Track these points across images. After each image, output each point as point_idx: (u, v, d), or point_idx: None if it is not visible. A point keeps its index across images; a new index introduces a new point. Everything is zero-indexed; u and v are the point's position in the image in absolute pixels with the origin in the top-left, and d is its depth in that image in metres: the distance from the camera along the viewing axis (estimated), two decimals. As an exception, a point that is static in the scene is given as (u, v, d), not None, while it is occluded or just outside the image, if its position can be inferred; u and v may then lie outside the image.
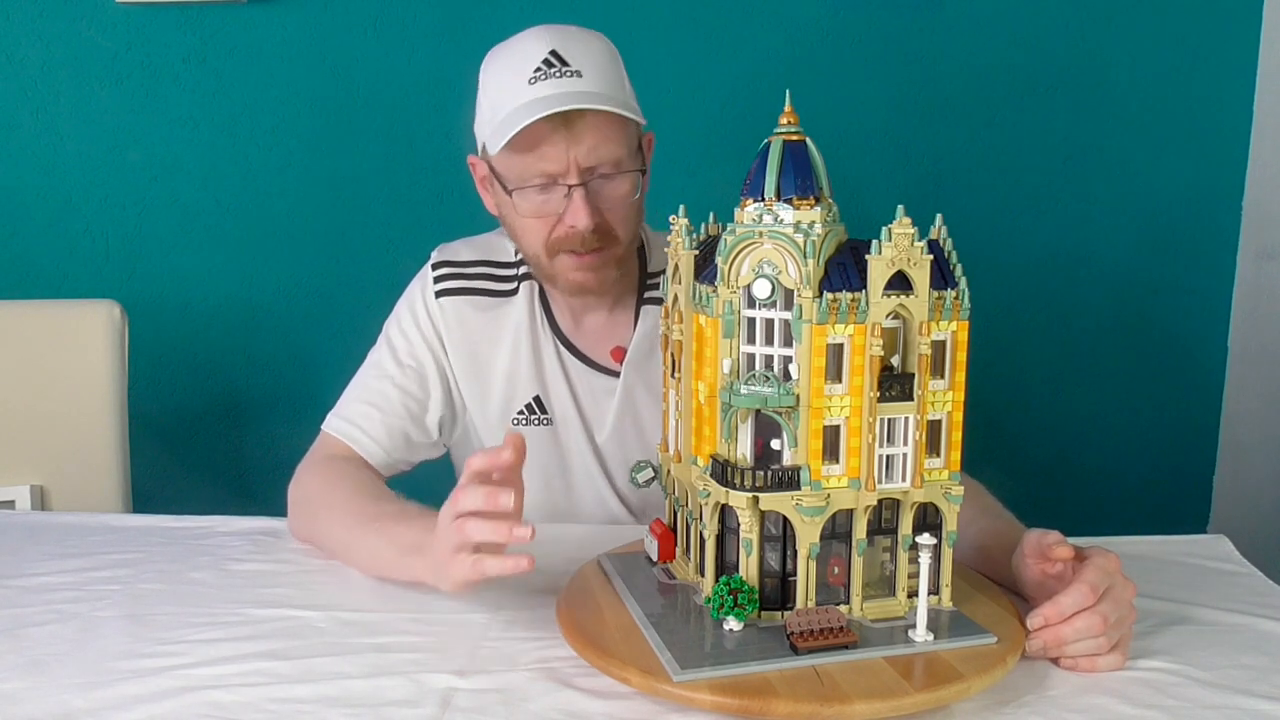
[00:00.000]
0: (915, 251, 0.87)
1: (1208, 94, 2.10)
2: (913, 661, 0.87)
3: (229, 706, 0.87)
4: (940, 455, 0.92)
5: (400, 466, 1.34)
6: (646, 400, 1.34)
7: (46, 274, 2.08)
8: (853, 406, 0.89)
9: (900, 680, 0.84)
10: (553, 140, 1.16)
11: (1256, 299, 2.16)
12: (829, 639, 0.87)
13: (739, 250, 0.90)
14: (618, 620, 0.95)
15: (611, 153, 1.19)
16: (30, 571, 1.16)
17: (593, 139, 1.17)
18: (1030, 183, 2.13)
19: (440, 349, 1.34)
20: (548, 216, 1.21)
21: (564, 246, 1.21)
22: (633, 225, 1.25)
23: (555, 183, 1.19)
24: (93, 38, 2.01)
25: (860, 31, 2.06)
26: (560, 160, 1.17)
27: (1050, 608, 0.91)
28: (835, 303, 0.87)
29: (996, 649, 0.89)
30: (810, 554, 0.90)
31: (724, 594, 0.90)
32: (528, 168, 1.18)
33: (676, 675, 0.84)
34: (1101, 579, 0.92)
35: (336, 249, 2.10)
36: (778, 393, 0.88)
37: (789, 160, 0.91)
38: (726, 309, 0.90)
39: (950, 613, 0.94)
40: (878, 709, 0.81)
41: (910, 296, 0.88)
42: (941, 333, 0.90)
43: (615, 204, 1.21)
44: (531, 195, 1.20)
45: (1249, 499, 2.20)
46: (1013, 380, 2.18)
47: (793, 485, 0.89)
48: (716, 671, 0.85)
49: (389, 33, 2.03)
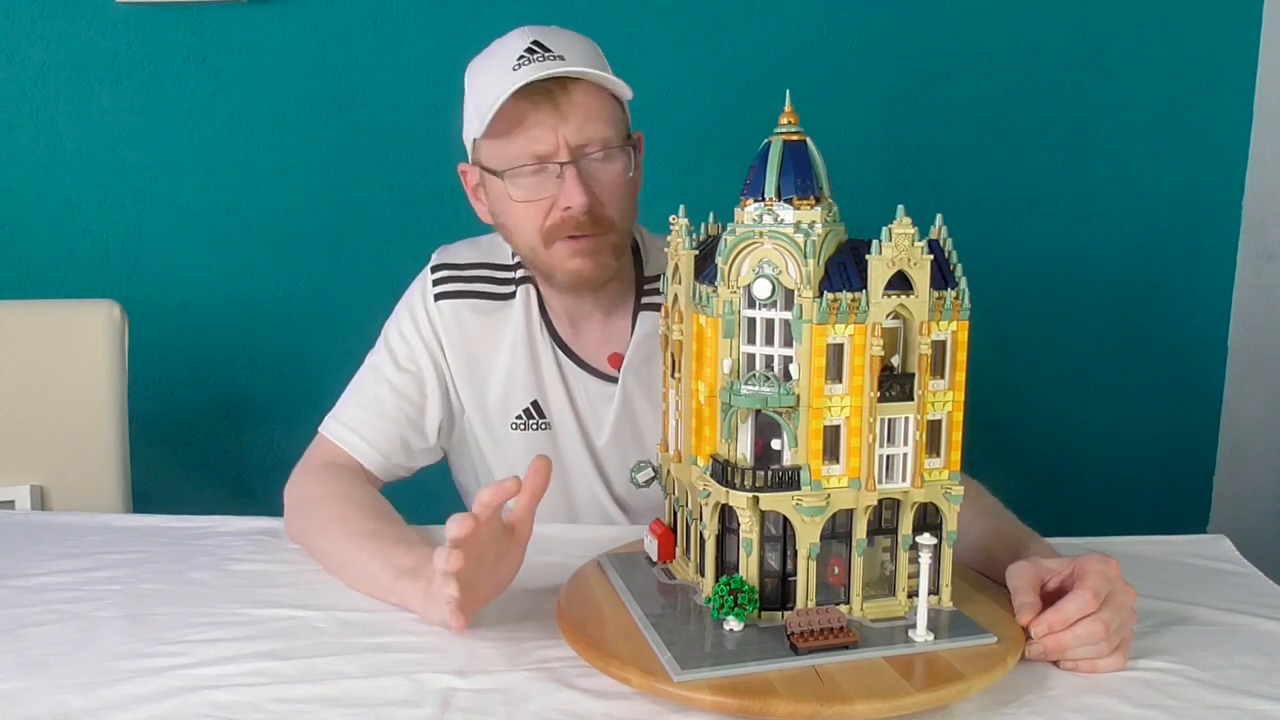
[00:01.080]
0: (915, 251, 0.87)
1: (1208, 94, 2.10)
2: (913, 661, 0.87)
3: (229, 706, 0.87)
4: (940, 455, 0.92)
5: (398, 473, 1.34)
6: (644, 406, 1.33)
7: (46, 274, 2.08)
8: (853, 406, 0.89)
9: (901, 680, 0.84)
10: (539, 119, 1.16)
11: (1256, 299, 2.16)
12: (829, 639, 0.87)
13: (739, 250, 0.90)
14: (618, 620, 0.95)
15: (600, 131, 1.18)
16: (30, 571, 1.15)
17: (580, 116, 1.17)
18: (1030, 183, 2.13)
19: (439, 352, 1.34)
20: (541, 200, 1.20)
21: (559, 233, 1.20)
22: (627, 210, 1.24)
23: (546, 165, 1.18)
24: (93, 38, 2.01)
25: (860, 31, 2.06)
26: (549, 139, 1.17)
27: (1054, 614, 0.91)
28: (835, 303, 0.87)
29: (996, 649, 0.89)
30: (810, 554, 0.90)
31: (724, 594, 0.90)
32: (517, 150, 1.18)
33: (677, 675, 0.84)
34: (1103, 585, 0.92)
35: (336, 249, 2.10)
36: (778, 393, 0.88)
37: (789, 160, 0.91)
38: (727, 309, 0.90)
39: (950, 613, 0.94)
40: (879, 709, 0.81)
41: (910, 296, 0.88)
42: (941, 333, 0.90)
43: (608, 185, 1.21)
44: (524, 179, 1.19)
45: (1249, 499, 2.20)
46: (1013, 380, 2.18)
47: (793, 485, 0.89)
48: (716, 672, 0.85)
49: (389, 33, 2.03)
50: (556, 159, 1.18)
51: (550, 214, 1.20)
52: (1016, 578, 0.97)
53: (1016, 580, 0.96)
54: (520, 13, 1.99)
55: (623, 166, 1.22)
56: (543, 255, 1.24)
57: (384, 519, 1.16)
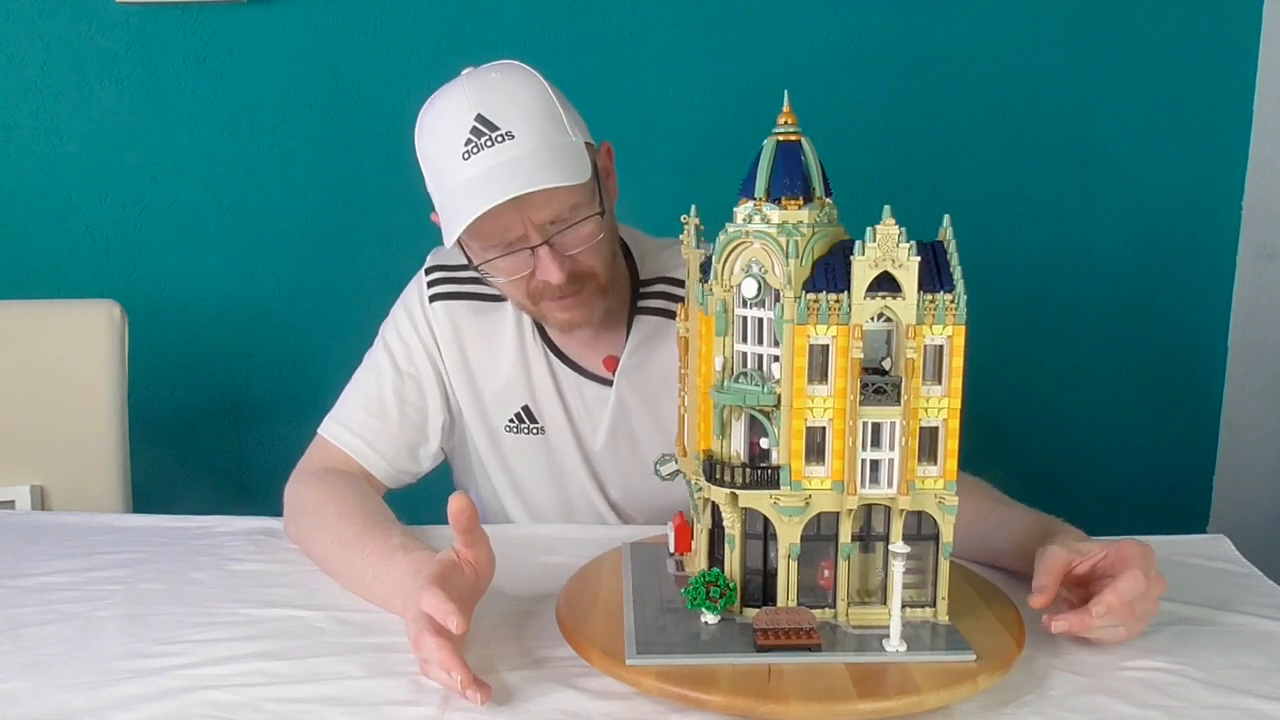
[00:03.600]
0: (901, 252, 0.85)
1: (1208, 94, 2.10)
2: (872, 670, 0.85)
3: (229, 706, 0.87)
4: (937, 463, 0.90)
5: (404, 478, 1.34)
6: (640, 409, 1.33)
7: (46, 274, 2.08)
8: (836, 408, 0.88)
9: (849, 687, 0.83)
10: (503, 216, 1.12)
11: (1256, 299, 2.16)
12: (791, 639, 0.87)
13: (730, 250, 0.91)
14: (611, 609, 0.97)
15: (565, 201, 1.15)
16: (30, 571, 1.15)
17: (541, 198, 1.13)
18: (1030, 183, 2.13)
19: (436, 353, 1.34)
20: (521, 278, 1.20)
21: (544, 296, 1.21)
22: (606, 259, 1.23)
23: (517, 246, 1.16)
24: (93, 38, 2.01)
25: (860, 32, 2.06)
26: (516, 227, 1.15)
27: (1113, 596, 0.91)
28: (815, 303, 0.86)
29: (970, 667, 0.86)
30: (790, 554, 0.90)
31: (699, 586, 0.91)
32: (487, 242, 1.17)
33: (629, 659, 0.86)
34: (1149, 567, 0.94)
35: (336, 249, 2.10)
36: (760, 392, 0.89)
37: (780, 160, 0.91)
38: (719, 307, 0.91)
39: (944, 627, 0.92)
40: (814, 712, 0.81)
41: (897, 298, 0.86)
42: (937, 337, 0.88)
43: (583, 247, 1.19)
44: (499, 264, 1.18)
45: (1249, 499, 2.20)
46: (1013, 380, 2.18)
47: (772, 484, 0.89)
48: (669, 659, 0.86)
49: (389, 33, 2.03)
50: (528, 243, 1.16)
51: (532, 283, 1.20)
52: (1044, 560, 0.97)
53: (1043, 563, 0.97)
54: (520, 13, 2.00)
55: (593, 229, 1.19)
56: (533, 309, 1.25)
57: (379, 524, 1.15)
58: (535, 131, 1.14)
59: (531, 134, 1.14)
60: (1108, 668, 0.93)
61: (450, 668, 0.87)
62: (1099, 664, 0.94)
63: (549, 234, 1.15)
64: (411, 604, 0.93)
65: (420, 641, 0.90)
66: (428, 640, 0.89)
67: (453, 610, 0.89)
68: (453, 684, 0.87)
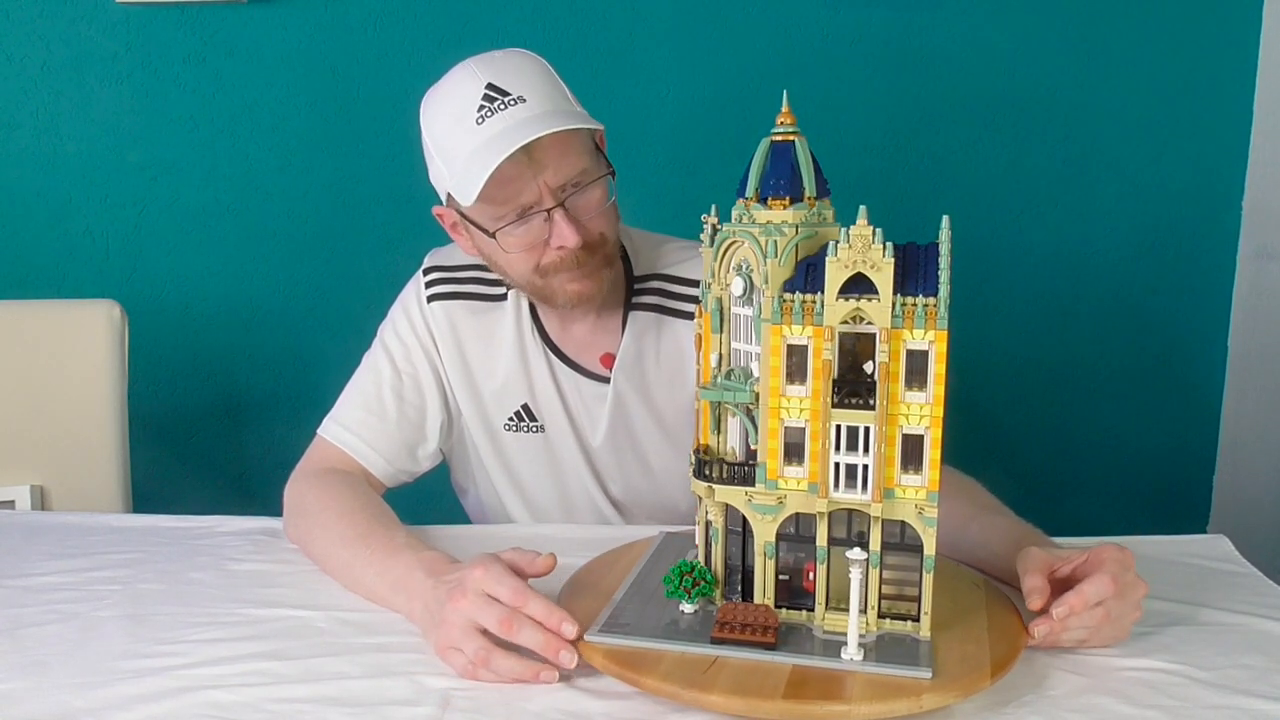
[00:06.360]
0: (875, 254, 0.83)
1: (1208, 94, 2.10)
2: (814, 675, 0.84)
3: (229, 706, 0.87)
4: (920, 472, 0.86)
5: (402, 478, 1.34)
6: (638, 405, 1.33)
7: (46, 274, 2.08)
8: (812, 410, 0.87)
9: (779, 687, 0.82)
10: (518, 175, 1.14)
11: (1256, 299, 2.16)
12: (745, 634, 0.88)
13: (725, 249, 0.92)
14: (608, 593, 0.99)
15: (577, 165, 1.17)
16: (30, 571, 1.16)
17: (555, 159, 1.15)
18: (1030, 183, 2.13)
19: (435, 353, 1.34)
20: (535, 246, 1.20)
21: (558, 268, 1.21)
22: (614, 225, 1.25)
23: (532, 211, 1.18)
24: (93, 38, 2.01)
25: (860, 32, 2.05)
26: (532, 190, 1.16)
27: (1074, 597, 0.91)
28: (789, 303, 0.86)
29: (916, 684, 0.83)
30: (765, 551, 0.90)
31: (676, 576, 0.93)
32: (502, 206, 1.17)
33: (588, 635, 0.90)
34: (1121, 572, 0.93)
35: (336, 249, 2.10)
36: (743, 389, 0.89)
37: (771, 160, 0.92)
38: (715, 305, 0.92)
39: (917, 640, 0.88)
40: (734, 705, 0.82)
41: (872, 300, 0.84)
42: (919, 342, 0.84)
43: (594, 212, 1.21)
44: (514, 230, 1.19)
45: (1249, 499, 2.20)
46: (1012, 380, 2.18)
47: (747, 481, 0.90)
48: (622, 640, 0.90)
49: (389, 33, 2.03)
50: (542, 206, 1.17)
51: (545, 253, 1.20)
52: (1027, 561, 0.97)
53: (1027, 564, 0.97)
54: (519, 13, 2.00)
55: (604, 191, 1.21)
56: (540, 285, 1.24)
57: (380, 524, 1.15)
58: (545, 97, 1.17)
59: (542, 99, 1.16)
60: (1108, 668, 0.93)
61: (563, 617, 0.90)
62: (1099, 664, 0.94)
63: (562, 198, 1.17)
64: (472, 577, 0.94)
65: (522, 609, 0.91)
66: (534, 603, 0.91)
67: (534, 555, 0.97)
68: (554, 644, 0.90)
